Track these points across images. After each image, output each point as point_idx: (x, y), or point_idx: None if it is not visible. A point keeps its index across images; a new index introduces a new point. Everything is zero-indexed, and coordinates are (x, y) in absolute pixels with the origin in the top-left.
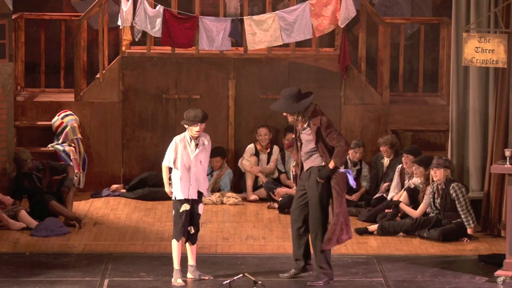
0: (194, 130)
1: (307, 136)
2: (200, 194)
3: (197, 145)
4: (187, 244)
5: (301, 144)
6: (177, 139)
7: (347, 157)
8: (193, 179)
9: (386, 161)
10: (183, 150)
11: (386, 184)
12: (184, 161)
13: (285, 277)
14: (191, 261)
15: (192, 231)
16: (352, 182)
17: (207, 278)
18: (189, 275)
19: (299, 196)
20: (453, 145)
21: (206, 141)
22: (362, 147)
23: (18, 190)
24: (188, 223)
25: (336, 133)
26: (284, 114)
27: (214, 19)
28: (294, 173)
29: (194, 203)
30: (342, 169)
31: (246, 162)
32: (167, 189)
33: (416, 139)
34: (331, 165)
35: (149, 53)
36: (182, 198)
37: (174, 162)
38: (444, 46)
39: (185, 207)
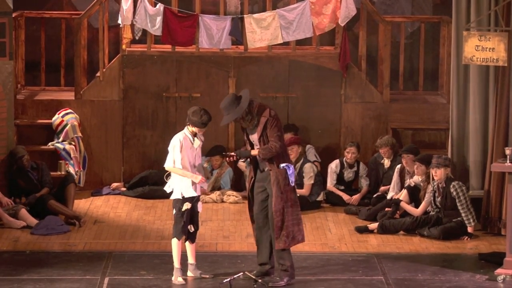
0: (201, 130)
1: (257, 135)
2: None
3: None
4: (186, 242)
5: (253, 145)
6: (180, 137)
7: (344, 159)
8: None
9: (386, 162)
10: (187, 148)
11: (385, 187)
12: (189, 159)
13: (251, 275)
14: (191, 259)
15: (192, 229)
16: (292, 179)
17: (207, 276)
18: (189, 274)
19: (261, 199)
20: (454, 144)
21: (201, 136)
22: (354, 147)
23: (13, 189)
24: (188, 221)
25: (278, 133)
26: (241, 123)
27: (214, 18)
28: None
29: (194, 201)
30: (282, 165)
31: (242, 162)
32: (196, 179)
33: (416, 138)
34: (254, 152)
35: (150, 51)
36: (194, 195)
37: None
38: (444, 44)
39: (187, 205)
